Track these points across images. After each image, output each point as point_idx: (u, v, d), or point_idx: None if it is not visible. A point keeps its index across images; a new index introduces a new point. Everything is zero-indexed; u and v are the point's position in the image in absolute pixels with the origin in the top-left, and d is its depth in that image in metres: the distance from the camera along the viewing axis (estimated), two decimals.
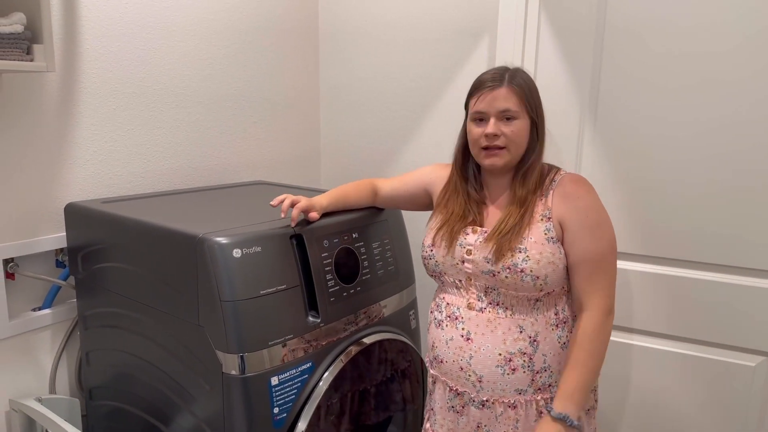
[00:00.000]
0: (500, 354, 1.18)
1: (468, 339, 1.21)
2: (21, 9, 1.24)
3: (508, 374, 1.18)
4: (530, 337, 1.18)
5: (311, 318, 1.29)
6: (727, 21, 1.49)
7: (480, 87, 1.20)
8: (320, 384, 1.29)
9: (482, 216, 1.26)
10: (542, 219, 1.18)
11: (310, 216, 1.32)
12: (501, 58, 1.79)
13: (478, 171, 1.29)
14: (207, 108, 1.86)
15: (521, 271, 1.15)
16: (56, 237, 1.50)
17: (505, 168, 1.22)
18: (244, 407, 1.17)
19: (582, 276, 1.17)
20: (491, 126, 1.17)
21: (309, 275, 1.29)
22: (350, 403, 1.42)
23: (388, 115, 2.11)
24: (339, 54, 2.19)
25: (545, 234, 1.17)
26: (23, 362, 1.49)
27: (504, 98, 1.16)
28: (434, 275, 1.30)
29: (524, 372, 1.18)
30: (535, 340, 1.18)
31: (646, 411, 1.75)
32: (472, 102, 1.21)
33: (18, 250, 1.42)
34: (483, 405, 1.21)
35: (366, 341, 1.42)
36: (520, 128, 1.18)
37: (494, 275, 1.17)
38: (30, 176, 1.45)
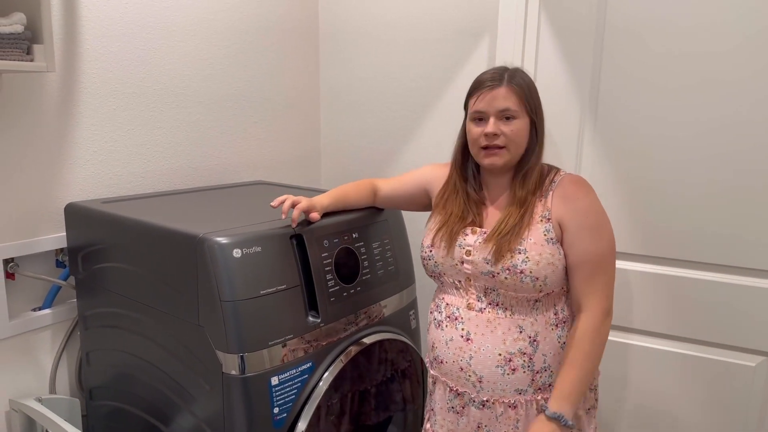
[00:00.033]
0: (500, 354, 1.18)
1: (468, 339, 1.21)
2: (21, 9, 1.24)
3: (508, 374, 1.18)
4: (530, 337, 1.18)
5: (311, 318, 1.29)
6: (727, 21, 1.49)
7: (479, 87, 1.20)
8: (320, 384, 1.29)
9: (481, 216, 1.25)
10: (542, 220, 1.18)
11: (311, 216, 1.32)
12: (501, 58, 1.79)
13: (478, 171, 1.29)
14: (207, 108, 1.86)
15: (521, 272, 1.15)
16: (56, 237, 1.50)
17: (505, 168, 1.22)
18: (244, 407, 1.17)
19: (581, 277, 1.17)
20: (491, 125, 1.17)
21: (309, 275, 1.29)
22: (350, 403, 1.42)
23: (389, 115, 2.11)
24: (339, 54, 2.19)
25: (545, 235, 1.17)
26: (23, 362, 1.49)
27: (503, 98, 1.16)
28: (434, 276, 1.30)
29: (524, 372, 1.18)
30: (535, 340, 1.18)
31: (646, 411, 1.75)
32: (472, 101, 1.21)
33: (18, 250, 1.42)
34: (483, 405, 1.21)
35: (366, 341, 1.42)
36: (520, 128, 1.18)
37: (494, 276, 1.17)
38: (30, 176, 1.45)
